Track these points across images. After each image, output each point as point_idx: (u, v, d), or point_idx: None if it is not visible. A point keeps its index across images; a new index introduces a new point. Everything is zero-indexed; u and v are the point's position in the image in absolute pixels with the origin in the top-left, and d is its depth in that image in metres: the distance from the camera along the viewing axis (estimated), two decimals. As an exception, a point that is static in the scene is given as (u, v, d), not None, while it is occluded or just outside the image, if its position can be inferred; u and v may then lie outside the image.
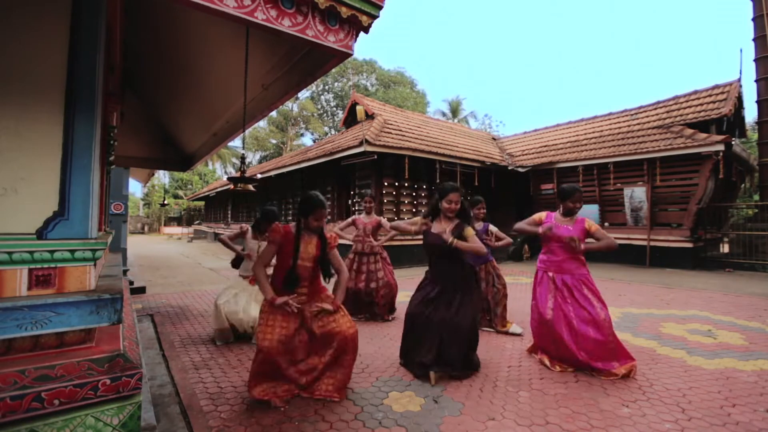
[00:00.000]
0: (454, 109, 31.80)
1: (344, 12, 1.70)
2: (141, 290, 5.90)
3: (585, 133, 12.01)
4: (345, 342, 2.37)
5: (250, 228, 3.79)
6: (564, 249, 2.92)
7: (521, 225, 3.08)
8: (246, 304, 3.53)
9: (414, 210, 10.13)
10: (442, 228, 2.79)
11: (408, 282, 6.52)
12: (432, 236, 2.80)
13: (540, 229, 2.94)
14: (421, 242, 3.01)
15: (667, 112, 10.52)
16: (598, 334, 2.71)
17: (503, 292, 3.85)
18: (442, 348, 2.65)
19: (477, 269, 2.82)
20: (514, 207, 12.07)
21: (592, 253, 2.95)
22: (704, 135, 8.52)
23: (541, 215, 3.11)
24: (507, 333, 3.75)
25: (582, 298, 2.82)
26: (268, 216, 3.59)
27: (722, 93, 9.82)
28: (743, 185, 11.80)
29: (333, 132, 31.82)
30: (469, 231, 2.71)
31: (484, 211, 4.02)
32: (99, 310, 1.56)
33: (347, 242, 4.67)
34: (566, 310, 2.83)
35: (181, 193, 36.24)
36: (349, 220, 4.57)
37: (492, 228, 3.93)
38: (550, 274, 2.97)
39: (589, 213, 9.52)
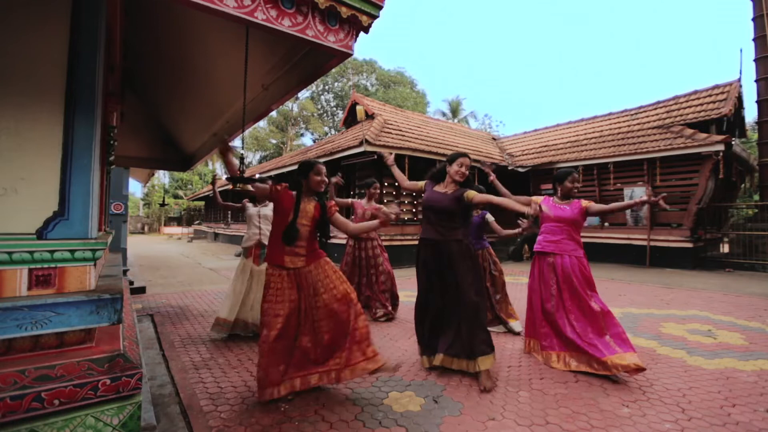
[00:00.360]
0: (454, 109, 31.80)
1: (344, 12, 1.70)
2: (141, 290, 5.90)
3: (585, 133, 12.01)
4: (342, 310, 2.37)
5: (247, 202, 3.93)
6: (564, 229, 2.96)
7: (509, 202, 2.66)
8: (254, 300, 3.55)
9: (414, 210, 10.13)
10: (443, 189, 2.83)
11: (408, 282, 6.51)
12: (435, 193, 2.82)
13: (529, 209, 2.55)
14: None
15: (667, 112, 10.52)
16: (595, 323, 2.75)
17: (502, 279, 3.85)
18: (460, 329, 2.70)
19: (474, 251, 2.87)
20: (514, 207, 12.06)
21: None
22: (704, 135, 8.53)
23: (537, 198, 3.14)
24: (506, 331, 3.75)
25: (580, 287, 2.85)
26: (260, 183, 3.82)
27: (722, 93, 9.82)
28: (743, 185, 11.80)
29: (333, 132, 31.81)
30: (472, 193, 2.70)
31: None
32: (99, 310, 1.56)
33: (338, 241, 4.64)
34: (565, 299, 2.87)
35: (181, 193, 36.25)
36: (348, 201, 4.52)
37: (489, 217, 3.92)
38: (550, 259, 2.99)
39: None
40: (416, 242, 3.03)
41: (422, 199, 2.90)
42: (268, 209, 3.79)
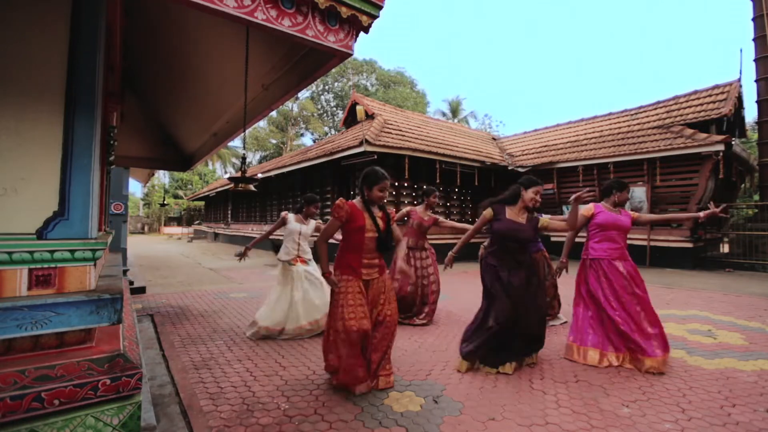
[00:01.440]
0: (454, 109, 31.81)
1: (344, 12, 1.70)
2: (141, 290, 5.91)
3: (585, 133, 12.01)
4: (393, 328, 2.54)
5: (290, 214, 3.96)
6: (623, 236, 3.08)
7: (568, 223, 2.94)
8: (292, 302, 3.67)
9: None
10: (516, 217, 2.87)
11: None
12: (515, 223, 2.85)
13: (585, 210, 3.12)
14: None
15: (667, 112, 10.52)
16: (655, 323, 2.90)
17: (553, 281, 4.11)
18: (535, 333, 2.83)
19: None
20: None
21: (595, 249, 3.13)
22: (704, 135, 8.52)
23: (590, 206, 3.18)
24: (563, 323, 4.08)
25: (638, 288, 2.98)
26: (311, 200, 3.93)
27: (722, 93, 9.82)
28: (743, 185, 11.80)
29: (333, 132, 31.82)
30: (546, 220, 2.93)
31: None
32: (99, 310, 1.56)
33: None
34: (627, 301, 2.95)
35: (181, 193, 36.25)
36: (404, 210, 4.45)
37: (544, 220, 3.93)
38: (617, 263, 3.04)
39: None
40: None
41: (498, 227, 2.86)
42: (309, 228, 3.93)
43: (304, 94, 32.39)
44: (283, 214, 3.98)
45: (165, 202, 26.61)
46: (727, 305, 4.99)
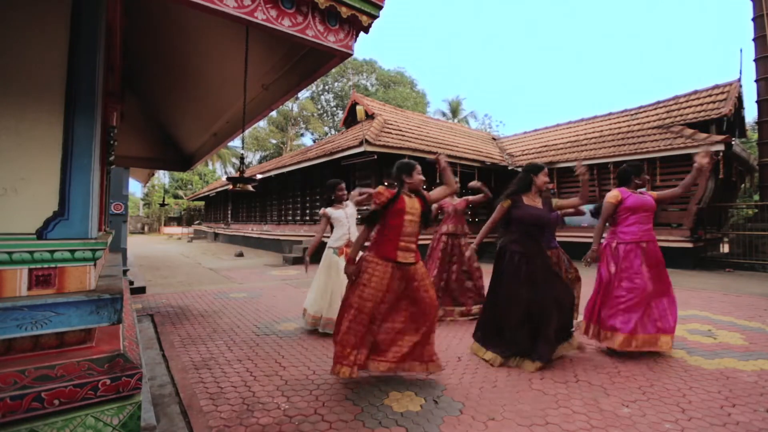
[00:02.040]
0: (454, 109, 31.81)
1: (344, 12, 1.70)
2: (141, 290, 5.91)
3: (585, 133, 12.00)
4: (431, 313, 2.58)
5: (326, 208, 3.94)
6: (650, 217, 3.15)
7: (585, 192, 3.14)
8: (331, 298, 3.67)
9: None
10: (533, 202, 2.98)
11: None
12: (536, 209, 2.94)
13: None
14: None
15: (667, 112, 10.52)
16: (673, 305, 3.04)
17: (576, 275, 3.92)
18: (559, 323, 2.86)
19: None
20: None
21: (624, 233, 3.19)
22: (704, 135, 8.52)
23: (616, 193, 3.21)
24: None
25: (664, 271, 3.10)
26: (332, 186, 3.94)
27: (722, 93, 9.81)
28: (743, 185, 11.79)
29: (333, 132, 31.82)
30: (557, 200, 3.14)
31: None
32: (99, 310, 1.56)
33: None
34: (655, 281, 3.04)
35: (181, 193, 36.26)
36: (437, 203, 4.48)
37: (556, 201, 3.94)
38: (644, 244, 3.09)
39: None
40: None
41: (520, 214, 2.95)
42: (351, 209, 3.93)
43: (304, 94, 32.40)
44: (321, 211, 3.96)
45: (165, 202, 26.62)
46: (727, 305, 4.99)
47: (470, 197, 4.43)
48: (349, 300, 2.50)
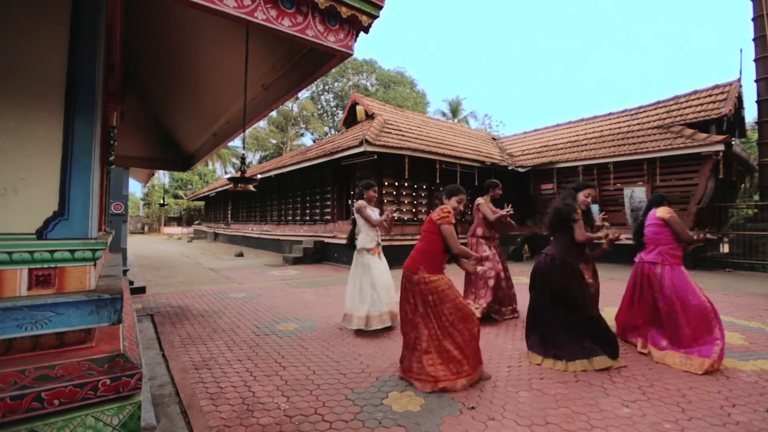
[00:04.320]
0: (454, 109, 31.81)
1: (344, 12, 1.70)
2: (141, 290, 5.91)
3: (585, 133, 12.00)
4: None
5: (360, 206, 3.95)
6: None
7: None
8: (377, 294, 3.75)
9: (414, 210, 10.13)
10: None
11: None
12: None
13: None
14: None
15: (667, 112, 10.52)
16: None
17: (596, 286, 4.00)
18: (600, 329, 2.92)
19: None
20: (514, 207, 12.08)
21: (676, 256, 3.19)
22: (704, 135, 8.52)
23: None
24: None
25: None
26: (368, 186, 4.03)
27: (722, 93, 9.81)
28: (743, 185, 11.79)
29: (333, 132, 31.83)
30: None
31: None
32: (99, 310, 1.56)
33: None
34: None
35: (181, 193, 36.25)
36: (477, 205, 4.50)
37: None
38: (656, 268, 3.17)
39: (595, 213, 9.52)
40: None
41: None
42: (377, 212, 4.02)
43: (304, 94, 32.41)
44: (358, 204, 3.96)
45: (165, 202, 26.57)
46: (727, 305, 4.98)
47: (498, 210, 4.42)
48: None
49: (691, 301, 2.94)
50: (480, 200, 4.49)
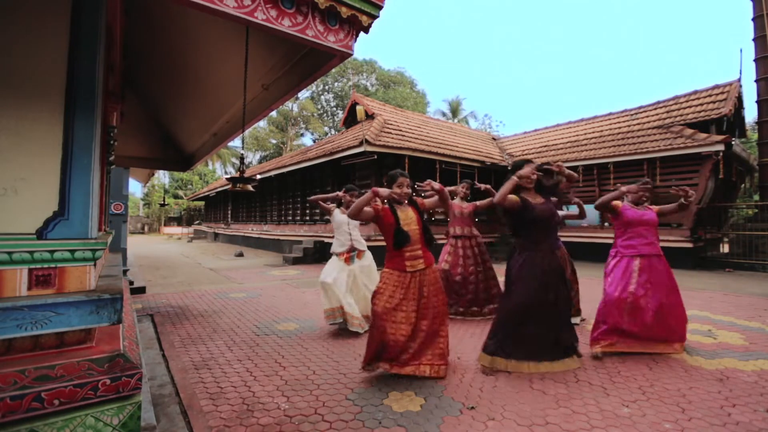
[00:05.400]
0: (454, 109, 31.82)
1: (344, 12, 1.70)
2: (141, 290, 5.91)
3: (585, 133, 12.00)
4: (440, 318, 2.69)
5: (335, 207, 4.03)
6: (651, 230, 3.20)
7: (605, 199, 3.22)
8: (346, 291, 3.74)
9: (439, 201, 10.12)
10: (536, 199, 2.88)
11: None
12: (542, 206, 2.83)
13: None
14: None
15: (667, 112, 10.52)
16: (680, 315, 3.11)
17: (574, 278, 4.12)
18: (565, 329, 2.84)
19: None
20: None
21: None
22: (704, 135, 8.52)
23: (617, 203, 3.27)
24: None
25: (669, 280, 3.15)
26: (348, 190, 3.98)
27: (722, 93, 9.81)
28: (743, 185, 11.79)
29: (333, 132, 31.82)
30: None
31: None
32: (99, 310, 1.56)
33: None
34: (650, 293, 3.06)
35: (181, 193, 36.25)
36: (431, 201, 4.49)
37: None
38: (636, 261, 3.14)
39: (589, 212, 9.52)
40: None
41: (532, 212, 2.79)
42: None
43: (304, 94, 32.41)
44: (331, 206, 4.05)
45: (165, 202, 26.57)
46: (727, 305, 4.98)
47: (479, 202, 4.43)
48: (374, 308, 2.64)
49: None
50: (454, 202, 4.56)
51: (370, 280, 3.88)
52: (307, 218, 12.35)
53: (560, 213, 3.66)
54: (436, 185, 2.77)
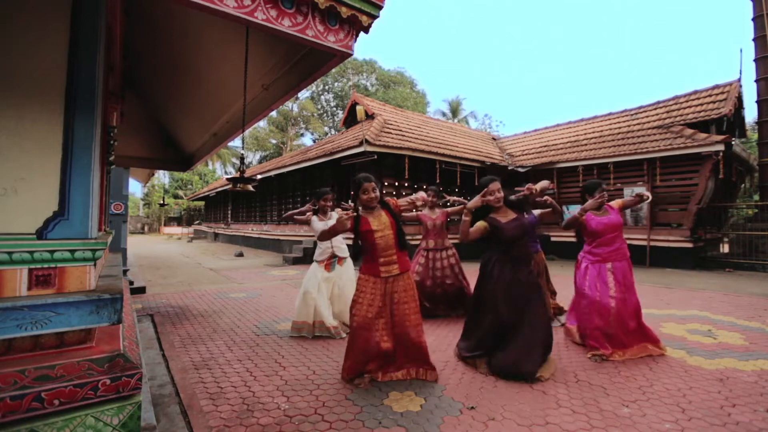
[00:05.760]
0: (454, 109, 31.82)
1: (344, 12, 1.70)
2: (141, 290, 5.91)
3: (585, 133, 12.01)
4: (412, 323, 2.64)
5: (312, 215, 3.93)
6: (617, 236, 3.20)
7: (570, 222, 3.28)
8: (327, 304, 3.74)
9: (414, 210, 10.13)
10: (507, 216, 2.84)
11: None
12: (512, 224, 2.78)
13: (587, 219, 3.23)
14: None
15: (667, 112, 10.52)
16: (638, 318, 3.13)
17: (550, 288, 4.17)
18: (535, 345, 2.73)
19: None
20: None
21: (594, 254, 3.22)
22: (704, 135, 8.52)
23: (581, 218, 3.25)
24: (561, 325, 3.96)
25: (629, 284, 3.16)
26: (319, 195, 3.92)
27: (722, 93, 9.81)
28: (743, 185, 11.79)
29: (333, 132, 31.82)
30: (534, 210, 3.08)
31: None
32: (99, 310, 1.56)
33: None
34: (626, 296, 3.10)
35: (181, 193, 36.25)
36: (414, 214, 4.36)
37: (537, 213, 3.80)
38: (608, 265, 3.16)
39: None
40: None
41: (502, 234, 2.75)
42: (332, 221, 3.85)
43: (304, 94, 32.42)
44: (308, 215, 3.94)
45: (165, 202, 26.57)
46: (727, 305, 4.99)
47: (449, 209, 4.30)
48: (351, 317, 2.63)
49: None
50: (421, 212, 4.47)
51: (351, 287, 3.80)
52: (307, 218, 12.35)
53: (535, 212, 3.60)
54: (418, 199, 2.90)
